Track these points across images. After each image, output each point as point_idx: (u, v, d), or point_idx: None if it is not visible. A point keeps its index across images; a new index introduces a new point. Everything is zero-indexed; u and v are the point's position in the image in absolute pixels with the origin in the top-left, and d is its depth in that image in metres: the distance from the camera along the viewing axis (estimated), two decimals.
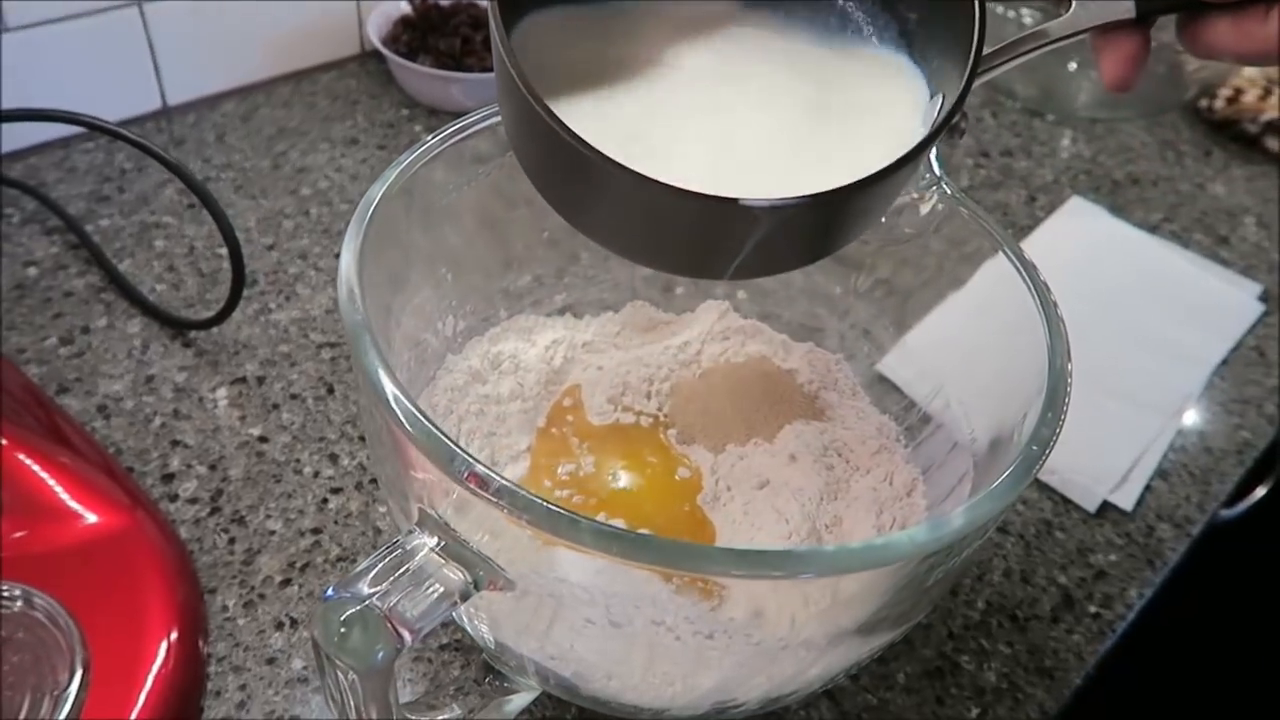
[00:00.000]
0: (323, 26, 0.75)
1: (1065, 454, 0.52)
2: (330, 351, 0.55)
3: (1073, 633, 0.46)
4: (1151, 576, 0.49)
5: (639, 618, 0.29)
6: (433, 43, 0.72)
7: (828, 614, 0.29)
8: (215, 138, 0.69)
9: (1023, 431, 0.32)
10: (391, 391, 0.28)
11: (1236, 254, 0.71)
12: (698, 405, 0.44)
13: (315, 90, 0.74)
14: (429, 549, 0.28)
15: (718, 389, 0.45)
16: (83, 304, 0.56)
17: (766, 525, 0.38)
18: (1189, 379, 0.60)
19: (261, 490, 0.48)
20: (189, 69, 0.70)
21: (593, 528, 0.25)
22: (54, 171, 0.64)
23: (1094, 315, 0.63)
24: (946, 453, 0.40)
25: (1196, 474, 0.55)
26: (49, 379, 0.52)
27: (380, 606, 0.27)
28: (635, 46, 0.31)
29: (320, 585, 0.44)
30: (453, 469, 0.26)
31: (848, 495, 0.39)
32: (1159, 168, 0.78)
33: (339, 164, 0.68)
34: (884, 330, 0.45)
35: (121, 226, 0.61)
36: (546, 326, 0.46)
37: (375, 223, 0.35)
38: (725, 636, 0.29)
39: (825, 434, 0.42)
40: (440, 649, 0.42)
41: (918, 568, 0.29)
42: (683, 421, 0.43)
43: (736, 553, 0.28)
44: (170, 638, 0.41)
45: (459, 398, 0.42)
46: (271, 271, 0.59)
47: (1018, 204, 0.73)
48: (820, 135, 0.30)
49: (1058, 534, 0.51)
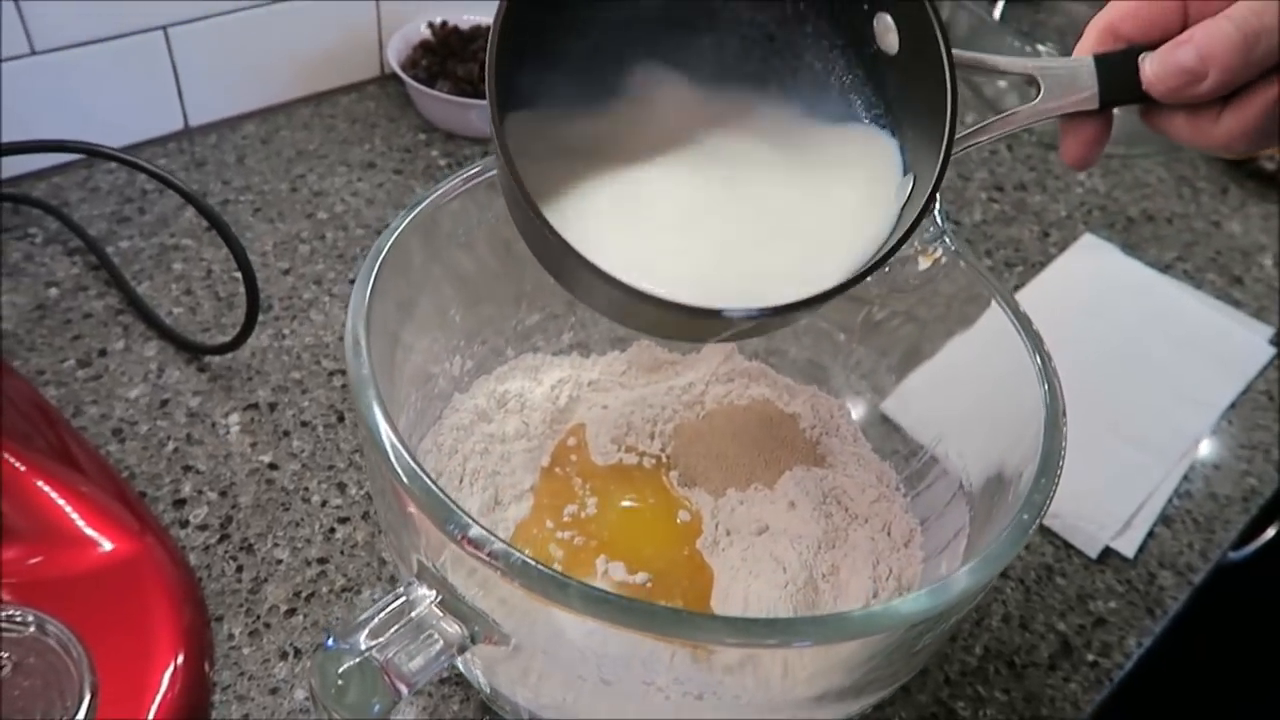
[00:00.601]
0: (343, 50, 0.76)
1: (1069, 498, 0.52)
2: (341, 379, 0.56)
3: (1070, 681, 0.47)
4: (1151, 625, 0.49)
5: (629, 677, 0.29)
6: (451, 68, 0.73)
7: (815, 677, 0.30)
8: (236, 159, 0.70)
9: (1017, 491, 0.33)
10: (393, 446, 0.29)
11: (1250, 295, 0.70)
12: (700, 447, 0.44)
13: (335, 113, 0.75)
14: (428, 602, 0.29)
15: (721, 431, 0.45)
16: (101, 326, 0.57)
17: (764, 573, 0.38)
18: (1197, 422, 0.60)
19: (270, 518, 0.49)
20: (211, 91, 0.71)
21: (582, 591, 0.26)
22: (77, 191, 0.65)
23: (1102, 355, 0.63)
24: (945, 504, 0.40)
25: (1201, 521, 0.55)
26: (66, 401, 0.53)
27: (379, 659, 0.27)
28: (628, 142, 0.32)
29: (325, 615, 0.45)
30: (449, 530, 0.27)
31: (845, 544, 0.40)
32: (1174, 204, 0.78)
33: (355, 188, 0.69)
34: (886, 375, 0.46)
35: (141, 248, 0.62)
36: (553, 365, 0.47)
37: (387, 266, 0.35)
38: (714, 697, 0.30)
39: (825, 481, 0.42)
40: (441, 683, 0.43)
41: (907, 634, 0.29)
42: (685, 463, 0.44)
43: (728, 621, 0.28)
44: (177, 664, 0.41)
45: (464, 436, 0.43)
46: (286, 296, 0.60)
47: (1030, 239, 0.73)
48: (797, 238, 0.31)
49: (1058, 579, 0.51)
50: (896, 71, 0.33)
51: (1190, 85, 0.30)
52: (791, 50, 0.34)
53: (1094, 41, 0.33)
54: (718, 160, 0.32)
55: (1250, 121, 0.30)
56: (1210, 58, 0.29)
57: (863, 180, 0.32)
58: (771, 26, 0.34)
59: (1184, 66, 0.30)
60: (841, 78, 0.34)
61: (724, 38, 0.35)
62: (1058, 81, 0.32)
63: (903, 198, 0.31)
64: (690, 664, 0.28)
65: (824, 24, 0.34)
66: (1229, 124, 0.31)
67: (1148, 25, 0.32)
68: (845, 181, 0.32)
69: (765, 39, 0.35)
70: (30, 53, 0.62)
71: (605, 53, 0.33)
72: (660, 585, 0.39)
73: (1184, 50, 0.30)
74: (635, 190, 0.31)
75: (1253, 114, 0.30)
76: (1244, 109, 0.30)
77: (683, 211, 0.31)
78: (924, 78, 0.31)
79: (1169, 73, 0.30)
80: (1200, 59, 0.30)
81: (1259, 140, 0.31)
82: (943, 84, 0.30)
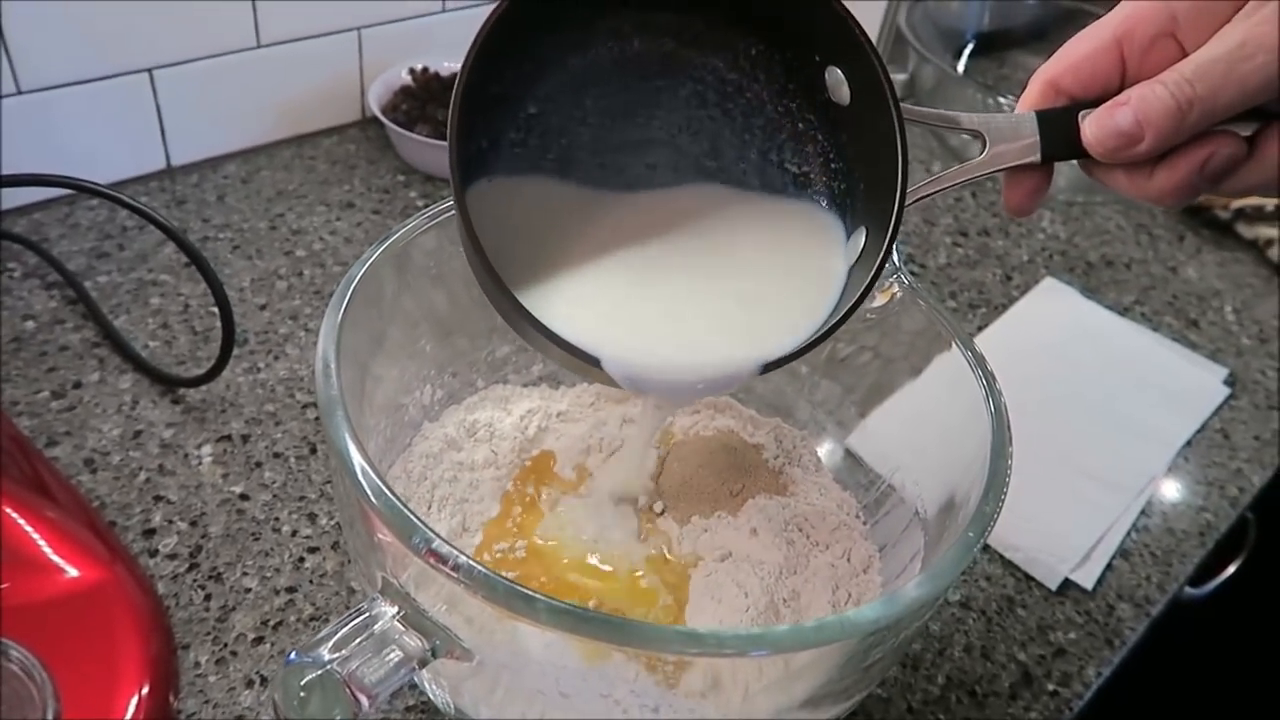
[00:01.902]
0: (326, 93, 0.77)
1: (1029, 531, 0.54)
2: (315, 411, 0.56)
3: (1030, 710, 0.47)
4: (1110, 656, 0.50)
5: (586, 690, 0.30)
6: (431, 112, 0.75)
7: (771, 689, 0.30)
8: (216, 198, 0.71)
9: (966, 513, 0.34)
10: (360, 465, 0.30)
11: (1205, 337, 0.73)
12: (666, 476, 0.45)
13: (316, 154, 0.77)
14: (390, 616, 0.29)
15: (687, 461, 0.46)
16: (77, 358, 0.57)
17: (727, 598, 0.39)
18: (1154, 459, 0.61)
19: (240, 547, 0.49)
20: (194, 132, 0.72)
21: (547, 605, 0.27)
22: (57, 227, 0.66)
23: (1063, 394, 0.65)
24: (901, 530, 0.41)
25: (1158, 554, 0.56)
26: (39, 431, 0.53)
27: (340, 672, 0.28)
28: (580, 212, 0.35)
29: (292, 644, 0.45)
30: (413, 544, 0.28)
31: (806, 570, 0.41)
32: (1133, 250, 0.81)
33: (334, 226, 0.70)
34: (848, 410, 0.47)
35: (119, 283, 0.63)
36: (523, 396, 0.48)
37: (359, 295, 0.36)
38: (670, 711, 0.30)
39: (787, 509, 0.43)
40: (406, 710, 0.43)
41: (859, 645, 0.30)
42: (651, 491, 0.45)
43: (687, 633, 0.29)
44: (141, 692, 0.41)
45: (433, 464, 0.43)
46: (262, 331, 0.61)
47: (993, 282, 0.75)
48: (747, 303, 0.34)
49: (1019, 610, 0.52)
50: (849, 121, 0.34)
51: (1127, 147, 0.31)
52: (745, 106, 0.36)
53: (1036, 96, 0.34)
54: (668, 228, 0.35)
55: (1180, 179, 0.32)
56: (1146, 123, 0.31)
57: (810, 248, 0.34)
58: (726, 77, 0.36)
59: (1121, 130, 0.31)
60: (794, 129, 0.36)
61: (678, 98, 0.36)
62: (1002, 137, 0.34)
63: (852, 257, 0.33)
64: (647, 679, 0.29)
65: (777, 74, 0.35)
66: (1161, 181, 0.32)
67: (1088, 81, 0.33)
68: (793, 251, 0.34)
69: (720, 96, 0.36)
70: (16, 92, 0.63)
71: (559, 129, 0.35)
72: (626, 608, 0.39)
73: (1122, 113, 0.31)
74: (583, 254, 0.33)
75: (1182, 173, 0.32)
76: (1174, 168, 0.32)
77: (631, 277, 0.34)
78: (875, 128, 0.33)
79: (1107, 134, 0.32)
80: (1136, 123, 0.31)
81: (1187, 194, 0.32)
82: (893, 139, 0.32)
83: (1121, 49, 0.33)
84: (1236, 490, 0.61)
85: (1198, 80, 0.30)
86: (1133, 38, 0.33)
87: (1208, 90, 0.30)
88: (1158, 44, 0.32)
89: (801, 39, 0.34)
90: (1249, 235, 0.82)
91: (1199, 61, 0.30)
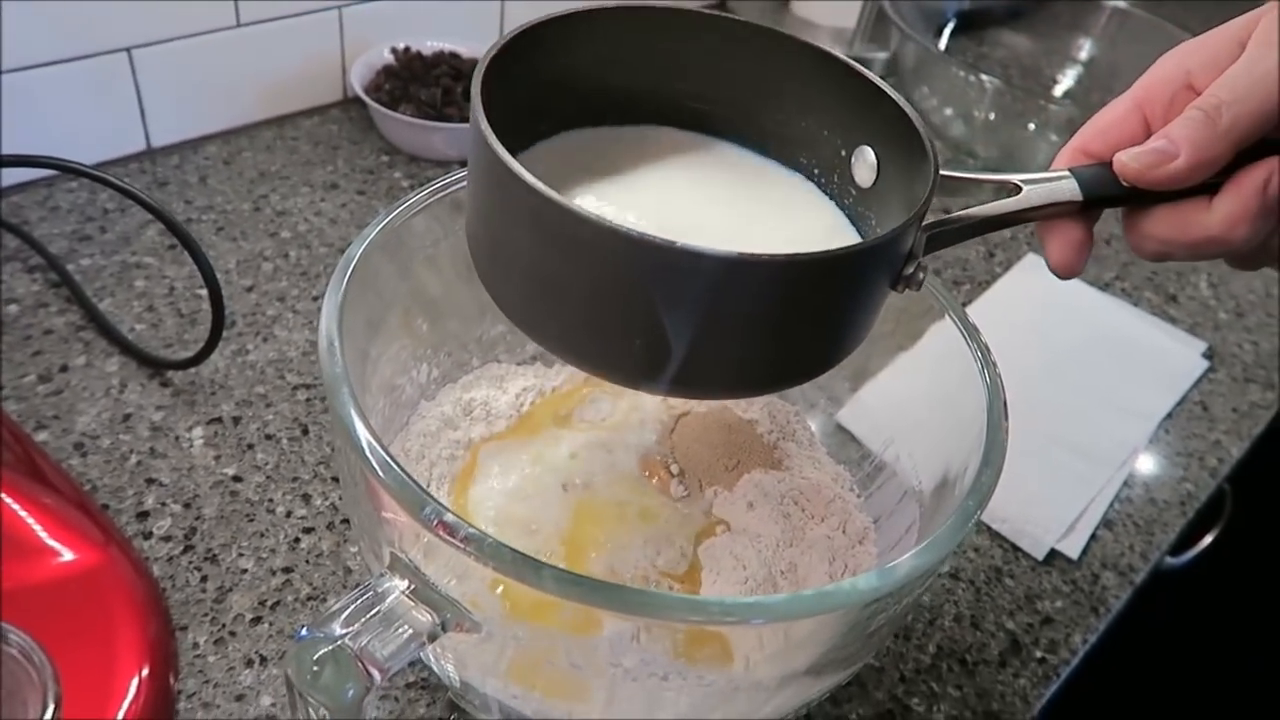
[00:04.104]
0: (307, 73, 0.77)
1: (1016, 503, 0.55)
2: (305, 393, 0.56)
3: (1019, 677, 0.48)
4: (1095, 623, 0.51)
5: (596, 659, 0.30)
6: (414, 92, 0.74)
7: (776, 658, 0.31)
8: (198, 180, 0.70)
9: (963, 484, 0.34)
10: (366, 440, 0.30)
11: (1184, 312, 0.74)
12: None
13: (298, 135, 0.76)
14: (399, 592, 0.30)
15: (683, 437, 0.46)
16: (62, 342, 0.57)
17: (725, 570, 0.40)
18: (1136, 432, 0.63)
19: (234, 529, 0.49)
20: (174, 113, 0.71)
21: (554, 574, 0.27)
22: (37, 210, 0.65)
23: (1046, 369, 0.66)
24: (896, 502, 0.42)
25: (1141, 524, 0.57)
26: (27, 416, 0.52)
27: (352, 646, 0.28)
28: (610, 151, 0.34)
29: (290, 623, 0.45)
30: (423, 516, 0.28)
31: (803, 543, 0.41)
32: (1113, 226, 0.81)
33: (319, 208, 0.69)
34: (841, 385, 0.47)
35: (103, 266, 0.62)
36: (518, 375, 0.48)
37: (356, 275, 0.36)
38: (679, 678, 0.31)
39: (783, 483, 0.44)
40: (407, 687, 0.44)
41: (861, 613, 0.30)
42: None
43: (691, 600, 0.30)
44: (141, 674, 0.41)
45: (431, 443, 0.43)
46: (250, 313, 0.61)
47: (976, 259, 0.75)
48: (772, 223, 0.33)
49: (1007, 581, 0.53)
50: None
51: (1162, 162, 0.30)
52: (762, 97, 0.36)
53: (1067, 161, 0.34)
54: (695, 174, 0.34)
55: (1243, 205, 0.30)
56: (1179, 138, 0.30)
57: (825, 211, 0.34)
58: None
59: (1154, 148, 0.30)
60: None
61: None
62: (1038, 184, 0.32)
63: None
64: (655, 646, 0.29)
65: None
66: (1222, 211, 0.30)
67: (1116, 143, 0.32)
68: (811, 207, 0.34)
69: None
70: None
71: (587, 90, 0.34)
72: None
73: (1153, 138, 0.31)
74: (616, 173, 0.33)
75: (1244, 197, 0.30)
76: (1233, 194, 0.30)
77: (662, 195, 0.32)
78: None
79: (1141, 153, 0.31)
80: (1170, 140, 0.30)
81: (1256, 223, 0.30)
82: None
83: (1144, 111, 0.33)
84: (1215, 461, 0.62)
85: (1220, 88, 0.30)
86: (1153, 99, 0.33)
87: (1232, 94, 0.30)
88: (1178, 98, 0.32)
89: None
90: None
91: (1221, 78, 0.30)
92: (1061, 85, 0.97)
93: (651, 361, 0.28)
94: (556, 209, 0.27)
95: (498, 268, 0.31)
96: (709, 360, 0.29)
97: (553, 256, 0.28)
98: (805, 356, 0.32)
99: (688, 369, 0.28)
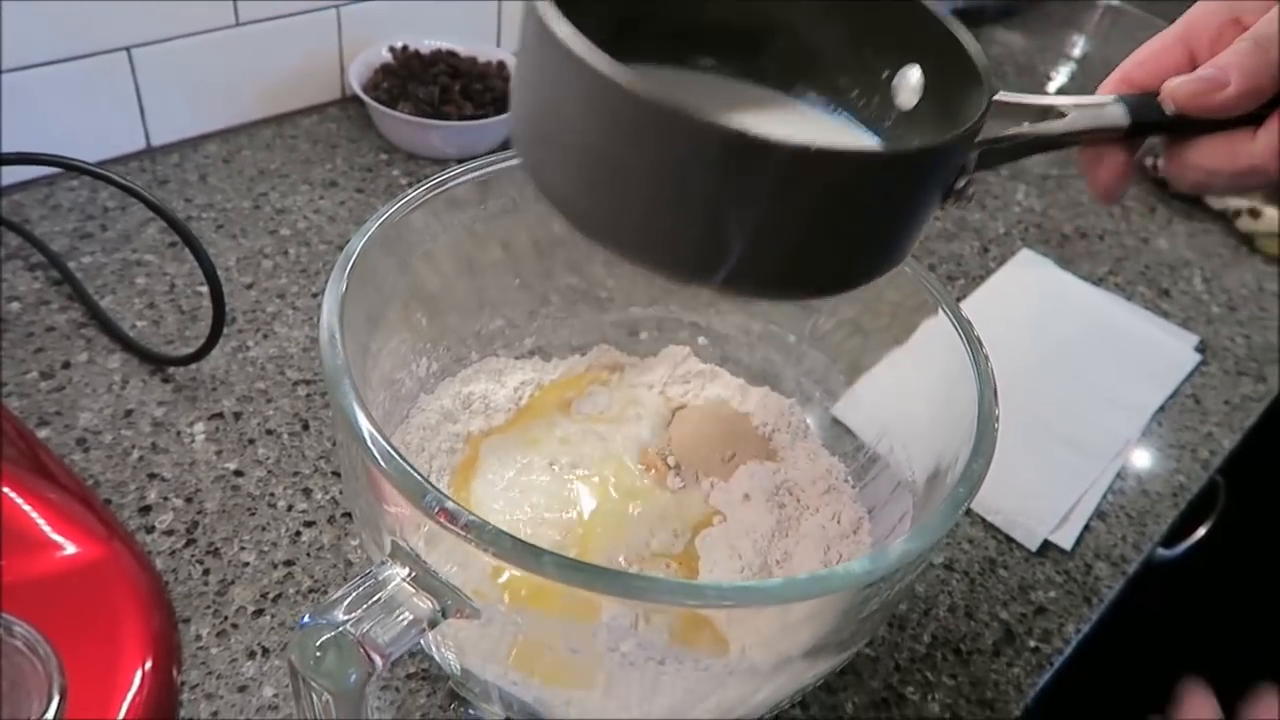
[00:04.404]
0: (306, 72, 0.77)
1: (1010, 495, 0.55)
2: (306, 388, 0.57)
3: (1013, 666, 0.49)
4: (1088, 613, 0.52)
5: (594, 645, 0.31)
6: (412, 90, 0.75)
7: (772, 641, 0.31)
8: (198, 178, 0.71)
9: (954, 474, 0.35)
10: (368, 431, 0.30)
11: (1177, 306, 0.74)
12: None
13: (296, 133, 0.77)
14: (400, 579, 0.30)
15: (679, 429, 0.47)
16: (64, 339, 0.57)
17: (721, 561, 0.40)
18: (1129, 425, 0.63)
19: (236, 523, 0.49)
20: (174, 111, 0.72)
21: (555, 560, 0.28)
22: (38, 208, 0.66)
23: (1040, 363, 0.67)
24: (890, 492, 0.42)
25: (1133, 516, 0.58)
26: (29, 412, 0.53)
27: (354, 632, 0.29)
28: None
29: (292, 615, 0.46)
30: (424, 504, 0.28)
31: (797, 532, 0.42)
32: (1106, 222, 0.82)
33: (318, 205, 0.70)
34: (836, 377, 0.48)
35: (104, 264, 0.62)
36: (516, 368, 0.48)
37: (357, 269, 0.37)
38: (676, 663, 0.31)
39: (778, 474, 0.44)
40: (407, 678, 0.44)
41: (855, 597, 0.31)
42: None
43: (688, 585, 0.30)
44: (145, 666, 0.42)
45: (431, 436, 0.44)
46: (250, 310, 0.61)
47: (971, 255, 0.76)
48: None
49: (1001, 571, 0.53)
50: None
51: (1212, 90, 0.30)
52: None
53: (1110, 90, 0.34)
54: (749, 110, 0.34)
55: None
56: (1228, 65, 0.30)
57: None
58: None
59: (1203, 75, 0.30)
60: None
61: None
62: (1084, 108, 0.32)
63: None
64: (653, 631, 0.30)
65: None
66: (1267, 138, 0.30)
67: (1158, 74, 0.33)
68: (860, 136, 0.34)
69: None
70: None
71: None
72: None
73: (1202, 68, 0.31)
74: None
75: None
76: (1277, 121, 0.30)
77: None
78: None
79: (1190, 80, 0.31)
80: (1219, 68, 0.30)
81: None
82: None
83: (1188, 45, 0.33)
84: (1208, 453, 0.63)
85: (1272, 21, 0.30)
86: (1198, 33, 0.33)
87: None
88: (1224, 33, 0.32)
89: None
90: (1218, 206, 0.84)
91: (1272, 10, 0.30)
92: (1055, 82, 0.98)
93: (710, 253, 0.28)
94: (623, 91, 0.26)
95: (553, 157, 0.30)
96: (763, 256, 0.29)
97: (619, 142, 0.27)
98: (853, 262, 0.31)
99: (741, 264, 0.28)
